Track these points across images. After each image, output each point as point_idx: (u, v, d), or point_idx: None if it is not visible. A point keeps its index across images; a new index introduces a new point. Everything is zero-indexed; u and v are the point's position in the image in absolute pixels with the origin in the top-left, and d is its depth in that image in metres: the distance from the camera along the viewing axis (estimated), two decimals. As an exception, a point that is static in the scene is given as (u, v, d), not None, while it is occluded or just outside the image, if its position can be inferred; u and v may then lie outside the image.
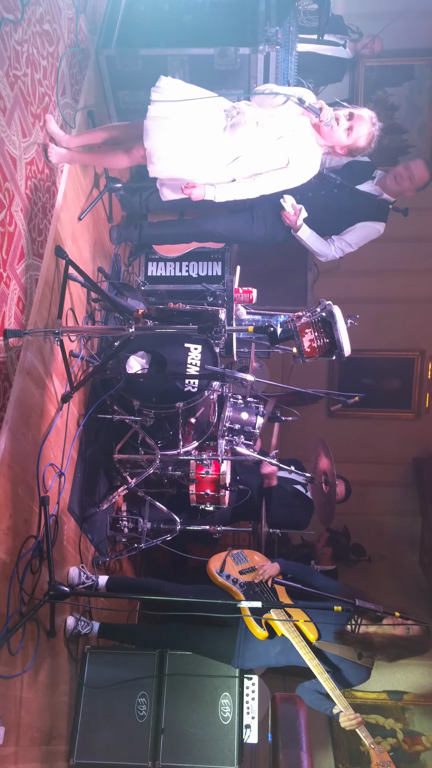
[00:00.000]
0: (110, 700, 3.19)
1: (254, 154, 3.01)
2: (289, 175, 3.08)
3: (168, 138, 2.94)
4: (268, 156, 3.02)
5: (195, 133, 2.96)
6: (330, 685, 2.86)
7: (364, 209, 4.15)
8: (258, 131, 2.97)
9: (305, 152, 3.05)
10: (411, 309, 5.96)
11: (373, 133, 3.08)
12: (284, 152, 3.01)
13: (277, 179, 3.08)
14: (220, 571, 3.30)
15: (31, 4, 2.83)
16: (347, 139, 3.04)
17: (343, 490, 4.37)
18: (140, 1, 4.07)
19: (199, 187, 3.00)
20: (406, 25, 5.43)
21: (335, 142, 3.06)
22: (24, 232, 2.78)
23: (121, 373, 3.40)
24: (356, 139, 3.06)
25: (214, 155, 2.99)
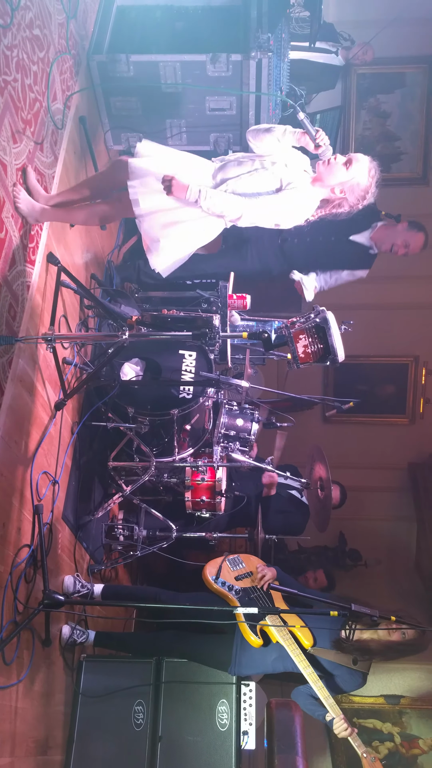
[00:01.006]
0: (107, 708, 3.17)
1: (243, 176, 2.79)
2: (283, 204, 2.79)
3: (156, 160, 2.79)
4: (258, 177, 2.78)
5: (182, 167, 2.81)
6: (324, 693, 2.85)
7: (355, 259, 4.21)
8: (248, 162, 2.81)
9: (299, 182, 2.82)
10: (405, 315, 5.98)
11: (373, 170, 2.83)
12: (276, 177, 2.79)
13: (271, 206, 2.78)
14: (216, 577, 3.29)
15: (20, 9, 2.83)
16: (346, 174, 2.79)
17: (339, 496, 4.37)
18: (131, 7, 4.08)
19: (180, 183, 2.66)
20: (397, 32, 5.47)
21: (334, 179, 2.81)
22: (15, 239, 2.77)
23: (116, 380, 3.39)
24: (355, 175, 2.80)
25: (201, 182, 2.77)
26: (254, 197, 2.77)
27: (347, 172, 2.80)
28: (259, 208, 2.78)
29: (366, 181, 2.83)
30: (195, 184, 2.69)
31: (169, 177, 2.67)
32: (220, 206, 2.73)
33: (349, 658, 2.99)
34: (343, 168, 2.79)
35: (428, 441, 6.02)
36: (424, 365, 6.24)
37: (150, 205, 2.77)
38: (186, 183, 2.67)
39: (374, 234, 4.13)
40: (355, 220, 4.10)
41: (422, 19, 5.64)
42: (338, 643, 2.98)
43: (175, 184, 2.66)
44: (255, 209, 2.78)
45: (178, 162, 2.85)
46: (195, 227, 2.83)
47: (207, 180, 2.82)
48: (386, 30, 5.16)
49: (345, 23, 5.47)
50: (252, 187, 2.78)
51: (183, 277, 4.26)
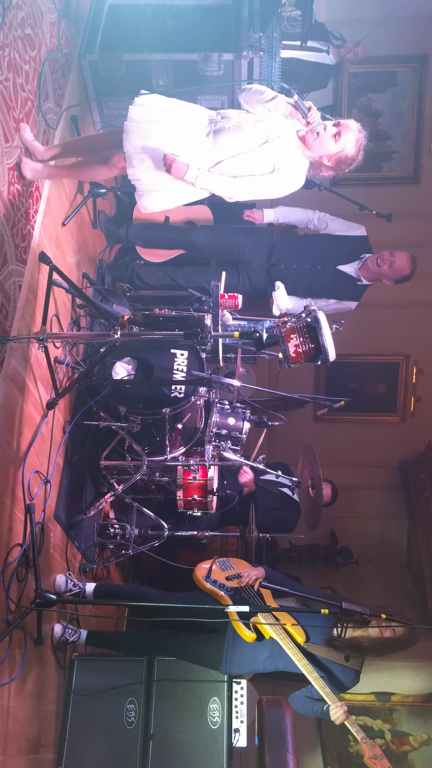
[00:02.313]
0: (98, 707, 3.17)
1: (237, 158, 2.89)
2: (274, 182, 2.96)
3: (148, 141, 2.86)
4: (252, 160, 2.89)
5: (176, 136, 2.88)
6: (320, 683, 2.87)
7: (342, 290, 4.24)
8: (242, 135, 2.88)
9: (291, 160, 2.93)
10: (395, 314, 6.01)
11: (361, 141, 2.92)
12: (269, 158, 2.89)
13: (262, 184, 2.96)
14: (207, 577, 3.30)
15: (12, 8, 2.82)
16: (335, 146, 2.88)
17: (330, 494, 4.38)
18: (123, 6, 4.08)
19: (181, 163, 2.82)
20: (388, 31, 5.48)
21: (323, 150, 2.91)
22: (7, 238, 2.77)
23: (107, 379, 3.39)
24: (344, 147, 2.89)
25: (195, 160, 2.88)
26: (246, 178, 2.92)
27: (336, 145, 2.90)
28: (251, 187, 2.94)
29: (353, 150, 2.93)
30: (194, 167, 2.84)
31: (171, 159, 2.81)
32: (214, 187, 2.93)
33: (342, 656, 3.01)
34: (332, 140, 2.89)
35: (419, 439, 6.05)
36: (414, 364, 6.27)
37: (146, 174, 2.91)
38: (185, 163, 2.82)
39: (362, 266, 4.18)
40: (343, 250, 4.17)
41: (413, 17, 5.65)
42: (330, 641, 3.00)
43: (174, 165, 2.82)
44: (246, 189, 2.95)
45: (174, 126, 2.89)
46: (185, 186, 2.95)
47: (202, 153, 2.88)
48: (377, 29, 5.16)
49: (336, 22, 5.47)
50: (245, 170, 2.91)
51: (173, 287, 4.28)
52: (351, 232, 4.24)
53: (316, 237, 4.31)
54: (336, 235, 4.23)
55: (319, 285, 4.23)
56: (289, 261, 4.15)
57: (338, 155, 2.92)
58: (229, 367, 3.94)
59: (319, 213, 4.23)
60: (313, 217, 4.23)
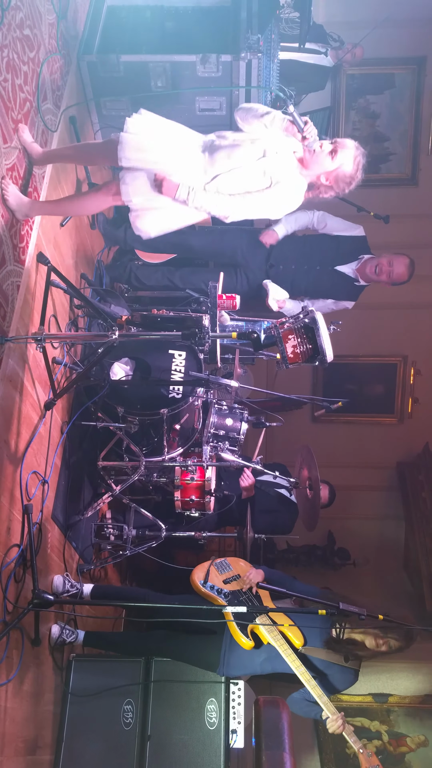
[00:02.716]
0: (96, 708, 3.17)
1: (234, 172, 2.77)
2: (271, 199, 2.83)
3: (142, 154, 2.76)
4: (248, 175, 2.78)
5: (171, 152, 2.80)
6: (318, 691, 2.87)
7: (340, 290, 4.25)
8: (238, 151, 2.79)
9: (288, 176, 2.84)
10: (393, 315, 6.02)
11: (359, 158, 2.85)
12: (266, 172, 2.79)
13: (259, 202, 2.82)
14: (204, 581, 3.29)
15: (10, 9, 2.82)
16: (332, 163, 2.81)
17: (327, 495, 4.38)
18: (122, 7, 4.08)
19: (171, 182, 2.71)
20: (386, 33, 5.49)
21: (320, 168, 2.84)
22: (5, 238, 2.77)
23: (105, 379, 3.39)
24: (341, 164, 2.82)
25: (190, 176, 2.77)
26: (242, 196, 2.80)
27: (333, 162, 2.83)
28: (248, 206, 2.82)
29: (351, 168, 2.86)
30: (184, 185, 2.73)
31: (161, 177, 2.71)
32: (208, 206, 2.79)
33: (341, 656, 3.01)
34: (328, 158, 2.82)
35: (417, 440, 6.06)
36: (412, 365, 6.28)
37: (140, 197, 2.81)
38: (176, 182, 2.72)
39: (360, 266, 4.20)
40: (342, 251, 4.17)
41: (411, 19, 5.67)
42: (329, 642, 3.00)
43: (165, 184, 2.71)
44: (243, 208, 2.83)
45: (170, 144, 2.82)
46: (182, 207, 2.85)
47: (198, 169, 2.80)
48: (376, 31, 5.17)
49: (334, 24, 5.49)
50: (241, 185, 2.80)
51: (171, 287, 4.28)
52: (349, 232, 4.25)
53: (314, 237, 4.32)
54: (334, 236, 4.25)
55: (316, 285, 4.24)
56: (287, 262, 4.17)
57: (335, 172, 2.85)
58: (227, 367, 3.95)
59: (318, 212, 4.24)
60: (314, 217, 4.24)
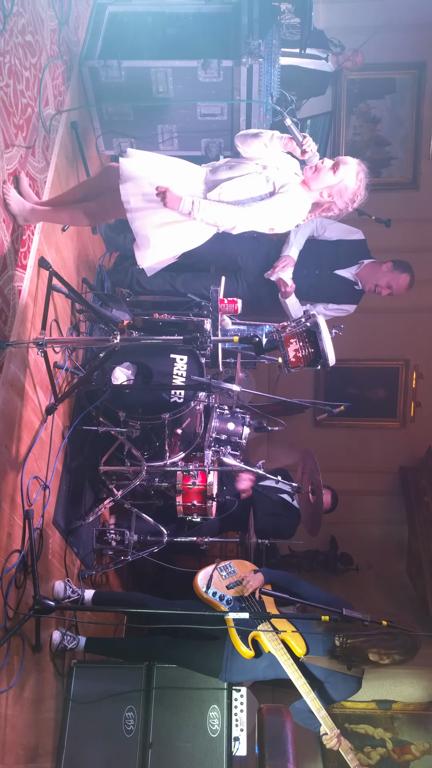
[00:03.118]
0: (97, 714, 3.16)
1: (236, 180, 2.76)
2: (276, 209, 2.77)
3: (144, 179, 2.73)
4: (251, 182, 2.76)
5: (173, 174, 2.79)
6: (317, 705, 2.85)
7: (341, 294, 4.25)
8: (240, 166, 2.79)
9: (292, 186, 2.80)
10: (395, 319, 6.01)
11: (361, 174, 2.83)
12: (269, 180, 2.77)
13: (265, 212, 2.77)
14: (207, 588, 3.27)
15: (13, 15, 2.83)
16: (333, 177, 2.79)
17: (330, 500, 4.37)
18: (123, 13, 4.09)
19: (173, 195, 2.64)
20: (387, 39, 5.50)
21: (322, 184, 2.82)
22: (7, 243, 2.77)
23: (107, 384, 3.38)
24: (343, 178, 2.80)
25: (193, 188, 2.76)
26: (247, 204, 2.75)
27: (334, 177, 2.80)
28: (253, 215, 2.76)
29: (354, 184, 2.83)
30: (188, 196, 2.67)
31: (163, 189, 2.64)
32: (214, 217, 2.72)
33: (344, 665, 2.99)
34: (330, 172, 2.80)
35: (419, 444, 6.04)
36: (414, 369, 6.27)
37: (141, 206, 2.76)
38: (179, 195, 2.65)
39: (360, 271, 4.20)
40: (341, 255, 4.17)
41: (412, 25, 5.69)
42: (332, 651, 2.98)
43: (168, 195, 2.64)
44: (249, 217, 2.76)
45: (168, 167, 2.83)
46: (186, 229, 2.81)
47: (198, 185, 2.80)
48: (376, 36, 5.19)
49: (335, 29, 5.49)
50: (245, 192, 2.76)
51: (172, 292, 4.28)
52: (348, 235, 4.24)
53: (313, 242, 4.32)
54: (334, 240, 4.24)
55: (317, 289, 4.24)
56: None
57: (338, 186, 2.82)
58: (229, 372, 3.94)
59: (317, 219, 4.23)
60: (314, 225, 4.23)
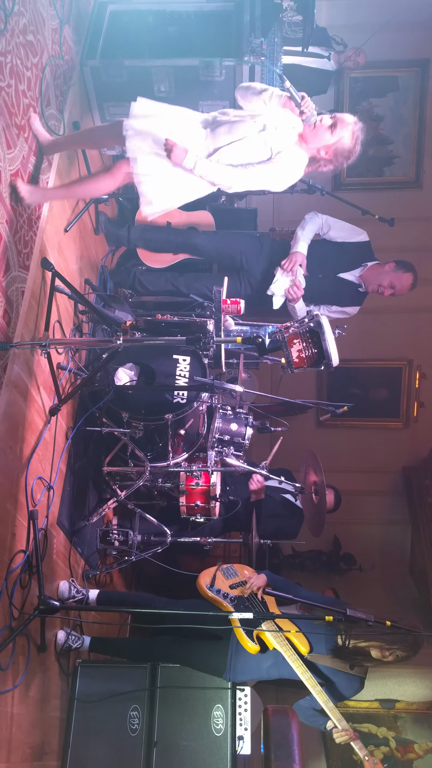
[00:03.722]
0: (102, 714, 3.17)
1: (235, 144, 2.87)
2: (273, 170, 2.92)
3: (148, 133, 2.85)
4: (249, 147, 2.88)
5: (175, 129, 2.88)
6: (323, 698, 2.85)
7: (344, 297, 4.25)
8: (238, 126, 2.88)
9: (288, 148, 2.92)
10: (398, 319, 6.00)
11: (357, 133, 2.95)
12: (267, 144, 2.89)
13: (261, 173, 2.93)
14: (210, 585, 3.28)
15: (14, 15, 2.83)
16: (331, 137, 2.91)
17: (333, 500, 4.37)
18: (124, 12, 4.08)
19: (180, 149, 2.80)
20: (389, 36, 5.49)
21: (320, 142, 2.93)
22: (9, 244, 2.77)
23: (110, 385, 3.38)
24: (341, 138, 2.91)
25: (194, 149, 2.86)
26: (244, 167, 2.89)
27: (332, 136, 2.92)
28: (250, 177, 2.91)
29: (350, 142, 2.95)
30: (192, 153, 2.82)
31: (172, 143, 2.79)
32: (213, 175, 2.87)
33: (346, 664, 2.99)
34: (328, 132, 2.91)
35: (422, 445, 6.03)
36: (417, 369, 6.25)
37: (147, 164, 2.87)
38: (185, 149, 2.80)
39: (363, 273, 4.18)
40: (345, 258, 4.16)
41: (414, 23, 5.67)
42: (335, 650, 2.98)
43: (175, 149, 2.78)
44: (246, 179, 2.91)
45: (172, 121, 2.91)
46: (186, 181, 2.92)
47: (200, 144, 2.89)
48: (379, 34, 5.17)
49: (337, 27, 5.49)
50: (242, 157, 2.88)
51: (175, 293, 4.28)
52: (353, 237, 4.23)
53: (317, 244, 4.30)
54: (338, 242, 4.22)
55: (320, 292, 4.23)
56: None
57: (335, 146, 2.94)
58: (232, 372, 3.94)
59: (323, 216, 4.22)
60: (321, 222, 4.21)
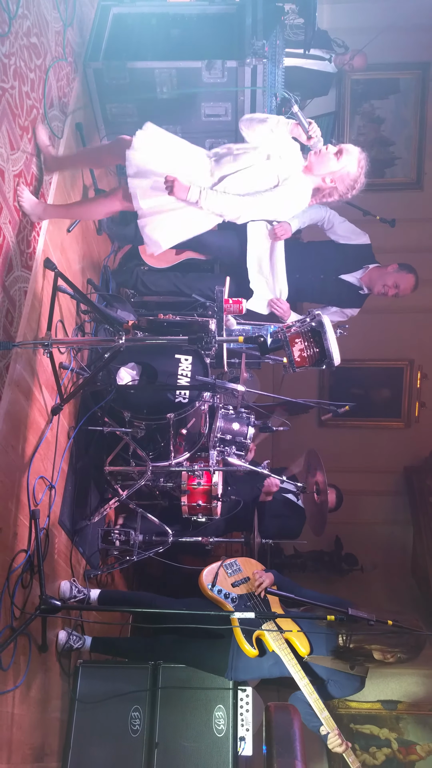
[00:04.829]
0: (103, 714, 3.16)
1: (241, 172, 2.85)
2: (280, 198, 2.88)
3: (150, 161, 2.84)
4: (255, 174, 2.85)
5: (179, 160, 2.87)
6: (319, 706, 2.84)
7: (345, 299, 4.25)
8: (244, 157, 2.87)
9: (295, 175, 2.91)
10: (400, 319, 6.00)
11: (362, 162, 2.93)
12: (272, 172, 2.87)
13: (268, 202, 2.88)
14: (212, 585, 3.28)
15: (18, 18, 2.84)
16: (337, 163, 2.90)
17: (335, 499, 4.37)
18: (128, 14, 4.10)
19: (181, 184, 2.74)
20: (391, 39, 5.50)
21: (325, 168, 2.91)
22: (12, 244, 2.78)
23: (112, 384, 3.39)
24: (345, 165, 2.90)
25: (198, 180, 2.83)
26: (251, 196, 2.85)
27: (338, 162, 2.91)
28: (257, 206, 2.88)
29: (355, 170, 2.95)
30: (195, 186, 2.77)
31: (172, 179, 2.75)
32: (219, 207, 2.83)
33: (347, 664, 2.99)
34: (333, 158, 2.90)
35: (424, 445, 6.03)
36: (419, 369, 6.26)
37: (150, 200, 2.86)
38: (187, 184, 2.75)
39: (365, 275, 4.18)
40: (347, 260, 4.16)
41: (415, 25, 5.69)
42: (336, 651, 2.98)
43: (176, 185, 2.75)
44: (253, 208, 2.88)
45: (175, 155, 2.90)
46: (193, 214, 2.90)
47: (205, 177, 2.86)
48: (380, 36, 5.19)
49: (339, 30, 5.50)
50: (249, 185, 2.86)
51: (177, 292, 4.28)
52: (354, 239, 4.23)
53: (319, 245, 4.31)
54: (340, 244, 4.22)
55: (321, 293, 4.23)
56: (291, 271, 4.15)
57: (340, 173, 2.93)
58: (234, 372, 3.94)
59: (330, 211, 4.22)
60: (326, 215, 4.22)
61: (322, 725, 2.84)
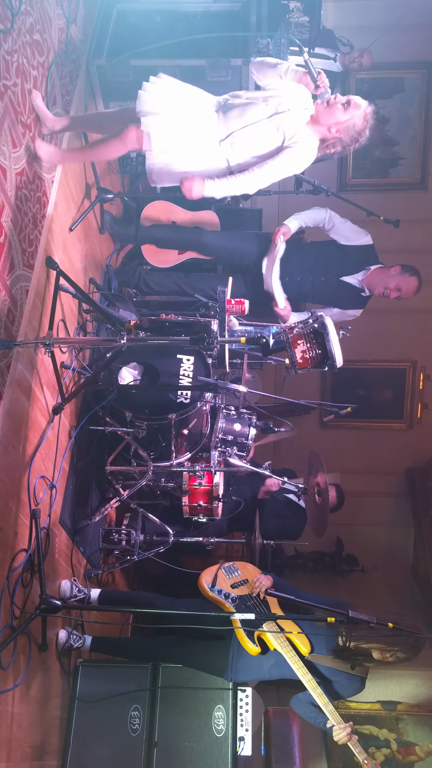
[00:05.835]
0: (103, 714, 3.16)
1: (247, 129, 2.91)
2: (287, 158, 2.97)
3: (162, 109, 2.91)
4: (261, 131, 2.92)
5: (188, 109, 2.93)
6: (323, 700, 2.84)
7: (346, 300, 4.24)
8: (250, 109, 2.92)
9: (300, 130, 2.96)
10: (402, 320, 5.98)
11: (368, 116, 3.00)
12: (279, 128, 2.92)
13: (273, 168, 2.98)
14: (212, 585, 3.27)
15: (21, 14, 2.83)
16: (344, 114, 2.95)
17: (335, 497, 4.36)
18: (131, 11, 4.08)
19: (198, 182, 2.91)
20: (396, 38, 5.47)
21: (332, 119, 2.96)
22: (14, 243, 2.77)
23: (113, 384, 3.38)
24: (353, 116, 2.96)
25: (207, 133, 2.92)
26: (257, 167, 2.95)
27: (345, 113, 2.97)
28: (268, 173, 2.97)
29: (362, 123, 3.01)
30: (209, 181, 2.93)
31: (188, 182, 2.90)
32: (233, 189, 2.97)
33: (347, 664, 2.98)
34: (341, 109, 2.96)
35: (426, 446, 6.02)
36: (421, 370, 6.25)
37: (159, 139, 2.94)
38: (199, 185, 2.91)
39: (366, 277, 4.16)
40: (348, 261, 4.14)
41: (421, 24, 5.65)
42: (336, 651, 2.97)
43: (193, 187, 2.90)
44: (264, 177, 2.98)
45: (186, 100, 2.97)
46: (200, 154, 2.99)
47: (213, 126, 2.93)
48: (385, 35, 5.16)
49: (344, 29, 5.47)
50: (256, 145, 2.94)
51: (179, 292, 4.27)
52: (357, 239, 4.20)
53: (320, 246, 4.28)
54: (341, 246, 4.20)
55: (323, 295, 4.22)
56: (293, 273, 4.14)
57: (346, 124, 2.98)
58: (236, 372, 3.93)
59: (330, 211, 4.21)
60: (326, 216, 4.20)
61: (328, 719, 2.84)
